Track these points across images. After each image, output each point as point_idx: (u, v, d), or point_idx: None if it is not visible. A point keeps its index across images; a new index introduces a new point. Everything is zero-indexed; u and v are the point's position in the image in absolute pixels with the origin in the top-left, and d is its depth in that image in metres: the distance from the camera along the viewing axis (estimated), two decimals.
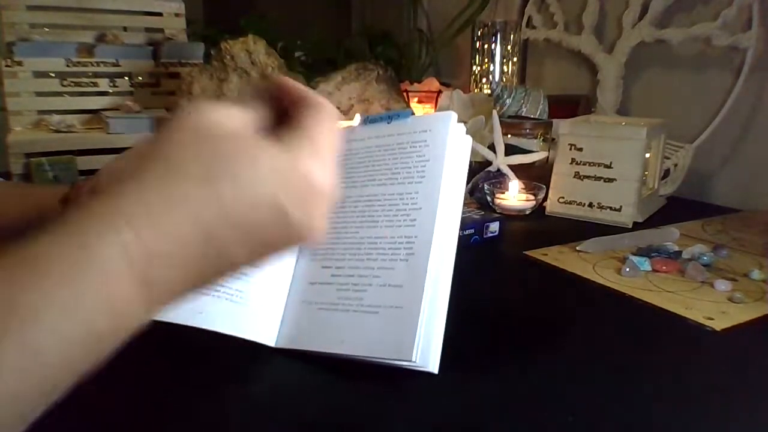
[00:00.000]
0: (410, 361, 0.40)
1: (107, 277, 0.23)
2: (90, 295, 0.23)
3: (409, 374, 0.42)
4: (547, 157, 1.00)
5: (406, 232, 0.45)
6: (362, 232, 0.47)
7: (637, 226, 0.84)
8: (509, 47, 1.32)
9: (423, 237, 0.44)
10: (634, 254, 0.69)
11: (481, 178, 0.94)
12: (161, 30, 1.13)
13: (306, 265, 0.49)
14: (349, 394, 0.42)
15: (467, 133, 0.49)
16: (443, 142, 0.47)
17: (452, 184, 0.46)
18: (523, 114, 1.11)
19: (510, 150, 0.95)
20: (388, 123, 0.51)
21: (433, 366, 0.41)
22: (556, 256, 0.71)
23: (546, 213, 0.90)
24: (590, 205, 0.87)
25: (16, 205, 0.51)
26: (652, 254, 0.69)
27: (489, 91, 1.31)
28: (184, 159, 0.25)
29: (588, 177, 0.87)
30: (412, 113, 0.51)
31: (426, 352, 0.41)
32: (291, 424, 0.39)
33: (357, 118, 1.01)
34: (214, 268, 0.26)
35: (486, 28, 1.33)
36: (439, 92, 1.28)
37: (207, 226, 0.24)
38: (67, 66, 1.01)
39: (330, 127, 0.30)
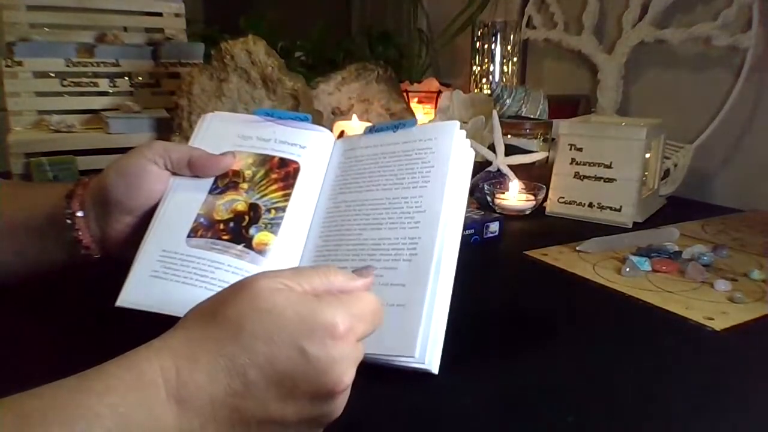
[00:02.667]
0: (412, 357, 0.40)
1: (146, 385, 0.29)
2: (132, 398, 0.28)
3: (409, 374, 0.42)
4: (547, 157, 1.00)
5: (409, 233, 0.45)
6: (366, 234, 0.47)
7: (637, 226, 0.84)
8: (509, 47, 1.33)
9: (426, 238, 0.44)
10: (634, 254, 0.69)
11: (481, 178, 0.94)
12: (161, 30, 1.12)
13: (310, 266, 0.49)
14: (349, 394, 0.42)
15: (467, 134, 0.50)
16: (447, 150, 0.49)
17: (455, 189, 0.47)
18: (523, 114, 1.11)
19: (510, 150, 0.95)
20: (393, 132, 0.53)
21: (433, 366, 0.41)
22: (556, 256, 0.71)
23: (546, 213, 0.90)
24: (590, 205, 0.87)
25: (22, 205, 0.52)
26: (652, 254, 0.69)
27: (489, 91, 1.31)
28: (239, 328, 0.31)
29: (588, 177, 0.87)
30: (416, 122, 0.53)
31: (427, 353, 0.41)
32: None
33: (354, 119, 1.01)
34: (247, 408, 0.30)
35: (486, 28, 1.33)
36: (439, 92, 1.28)
37: (236, 367, 0.30)
38: (67, 66, 1.01)
39: (367, 302, 0.35)
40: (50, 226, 0.49)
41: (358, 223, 0.49)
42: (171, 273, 0.45)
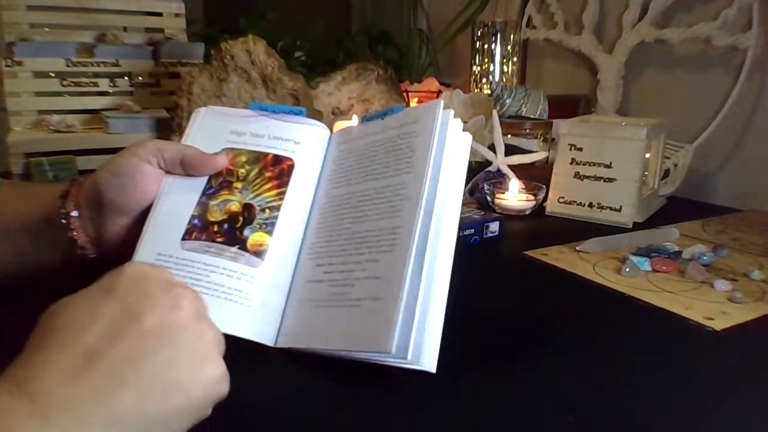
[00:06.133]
0: (388, 353, 0.39)
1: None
2: None
3: (407, 374, 0.42)
4: (547, 157, 1.00)
5: (391, 223, 0.44)
6: (354, 228, 0.47)
7: (637, 226, 0.84)
8: (509, 47, 1.32)
9: (406, 227, 0.43)
10: (634, 254, 0.69)
11: (481, 178, 0.94)
12: (161, 30, 1.12)
13: (303, 263, 0.49)
14: (347, 394, 0.42)
15: (467, 132, 0.48)
16: (430, 131, 0.46)
17: (443, 174, 0.45)
18: (523, 114, 1.11)
19: (510, 150, 0.95)
20: (382, 119, 0.51)
21: (431, 366, 0.41)
22: (556, 256, 0.71)
23: (546, 213, 0.90)
24: (590, 205, 0.87)
25: (19, 205, 0.51)
26: (652, 254, 0.69)
27: (489, 91, 1.31)
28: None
29: (588, 177, 0.87)
30: (404, 107, 0.51)
31: (424, 352, 0.41)
32: (290, 424, 0.39)
33: (354, 119, 1.01)
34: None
35: (486, 28, 1.33)
36: (439, 92, 1.28)
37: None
38: (67, 66, 1.01)
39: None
40: (46, 226, 0.49)
41: (347, 217, 0.48)
42: None
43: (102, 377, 0.28)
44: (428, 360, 0.41)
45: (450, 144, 0.46)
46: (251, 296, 0.46)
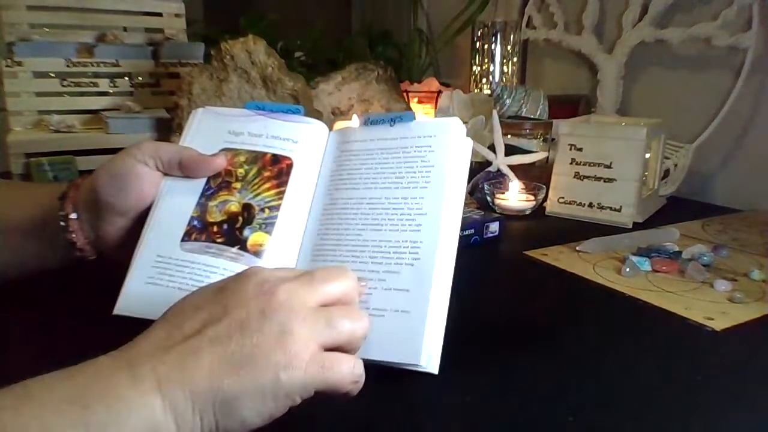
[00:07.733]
0: (418, 365, 0.40)
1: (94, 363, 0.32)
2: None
3: (409, 375, 0.42)
4: (547, 157, 1.00)
5: (411, 236, 0.45)
6: (365, 235, 0.47)
7: (637, 226, 0.84)
8: (509, 47, 1.32)
9: (429, 242, 0.44)
10: (634, 254, 0.69)
11: (481, 178, 0.94)
12: (161, 30, 1.12)
13: (308, 265, 0.48)
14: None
15: (467, 133, 0.49)
16: (448, 149, 0.47)
17: (455, 190, 0.46)
18: (523, 114, 1.11)
19: (510, 150, 0.95)
20: (390, 125, 0.51)
21: (433, 366, 0.41)
22: (556, 256, 0.71)
23: (546, 213, 0.90)
24: (590, 205, 0.87)
25: (18, 206, 0.51)
26: (652, 254, 0.69)
27: (489, 91, 1.31)
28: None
29: (588, 177, 0.87)
30: (414, 116, 0.51)
31: (431, 355, 0.41)
32: (289, 424, 0.39)
33: (354, 119, 1.01)
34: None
35: (486, 28, 1.33)
36: (439, 92, 1.28)
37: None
38: (67, 66, 1.01)
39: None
40: (45, 228, 0.49)
41: (356, 222, 0.48)
42: (167, 279, 0.45)
43: (183, 352, 0.32)
44: (432, 362, 0.41)
45: (461, 159, 0.48)
46: None
